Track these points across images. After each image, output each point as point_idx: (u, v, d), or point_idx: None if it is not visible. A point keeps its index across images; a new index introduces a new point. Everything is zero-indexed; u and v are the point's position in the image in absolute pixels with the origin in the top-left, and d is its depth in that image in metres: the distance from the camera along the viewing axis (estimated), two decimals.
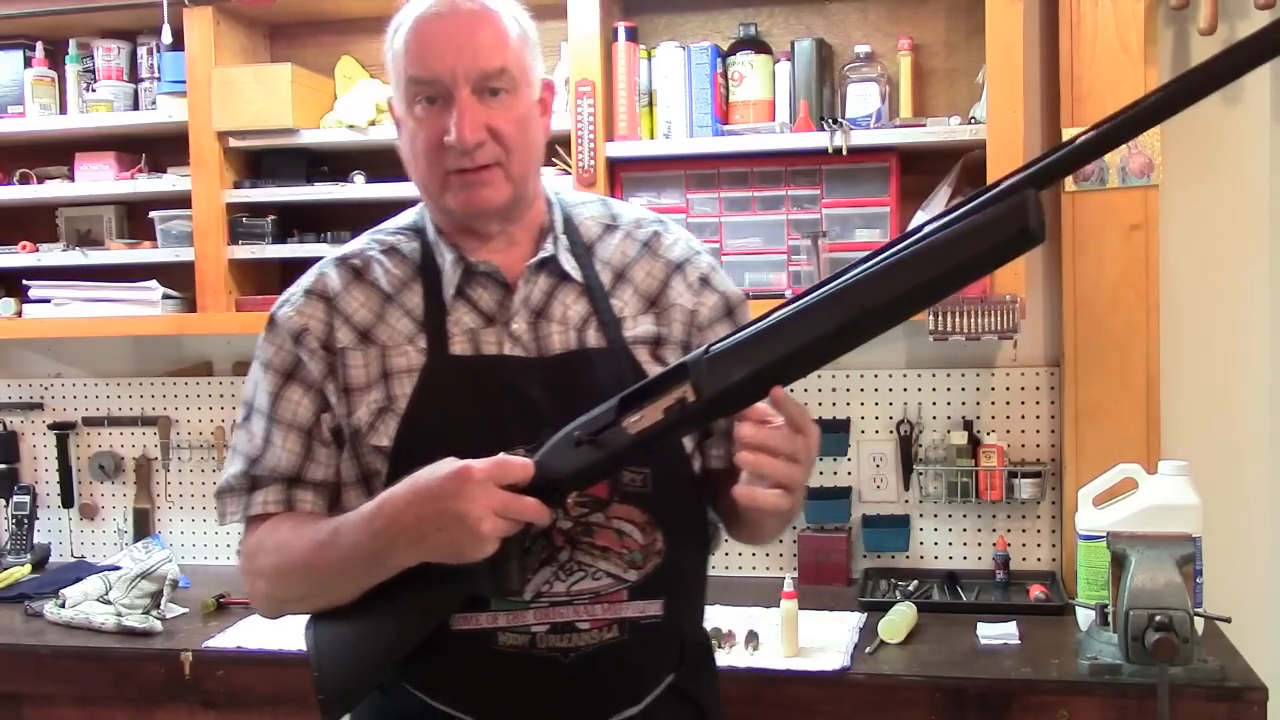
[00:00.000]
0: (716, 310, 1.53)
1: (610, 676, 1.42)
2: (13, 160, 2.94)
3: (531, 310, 1.46)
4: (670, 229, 1.57)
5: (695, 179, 2.59)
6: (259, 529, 1.46)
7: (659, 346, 1.49)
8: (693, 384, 1.23)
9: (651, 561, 1.42)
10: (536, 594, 1.39)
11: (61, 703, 2.38)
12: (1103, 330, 2.46)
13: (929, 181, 2.54)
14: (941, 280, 1.12)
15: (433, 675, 1.44)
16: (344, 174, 2.72)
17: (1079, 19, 2.44)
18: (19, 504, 3.04)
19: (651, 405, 1.25)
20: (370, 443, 1.42)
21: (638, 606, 1.42)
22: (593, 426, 1.28)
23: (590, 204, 1.58)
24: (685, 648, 1.50)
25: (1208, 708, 1.96)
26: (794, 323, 1.19)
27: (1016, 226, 1.06)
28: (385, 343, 1.45)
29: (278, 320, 1.49)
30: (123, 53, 2.88)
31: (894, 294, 1.14)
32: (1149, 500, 2.19)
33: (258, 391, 1.49)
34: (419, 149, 1.42)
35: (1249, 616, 2.31)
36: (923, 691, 2.06)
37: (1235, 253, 2.57)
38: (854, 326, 1.16)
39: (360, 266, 1.50)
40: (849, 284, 1.16)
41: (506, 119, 1.40)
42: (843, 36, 2.63)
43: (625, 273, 1.51)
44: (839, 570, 2.66)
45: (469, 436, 1.35)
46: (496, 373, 1.43)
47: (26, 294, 2.86)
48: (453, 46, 1.37)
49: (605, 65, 2.55)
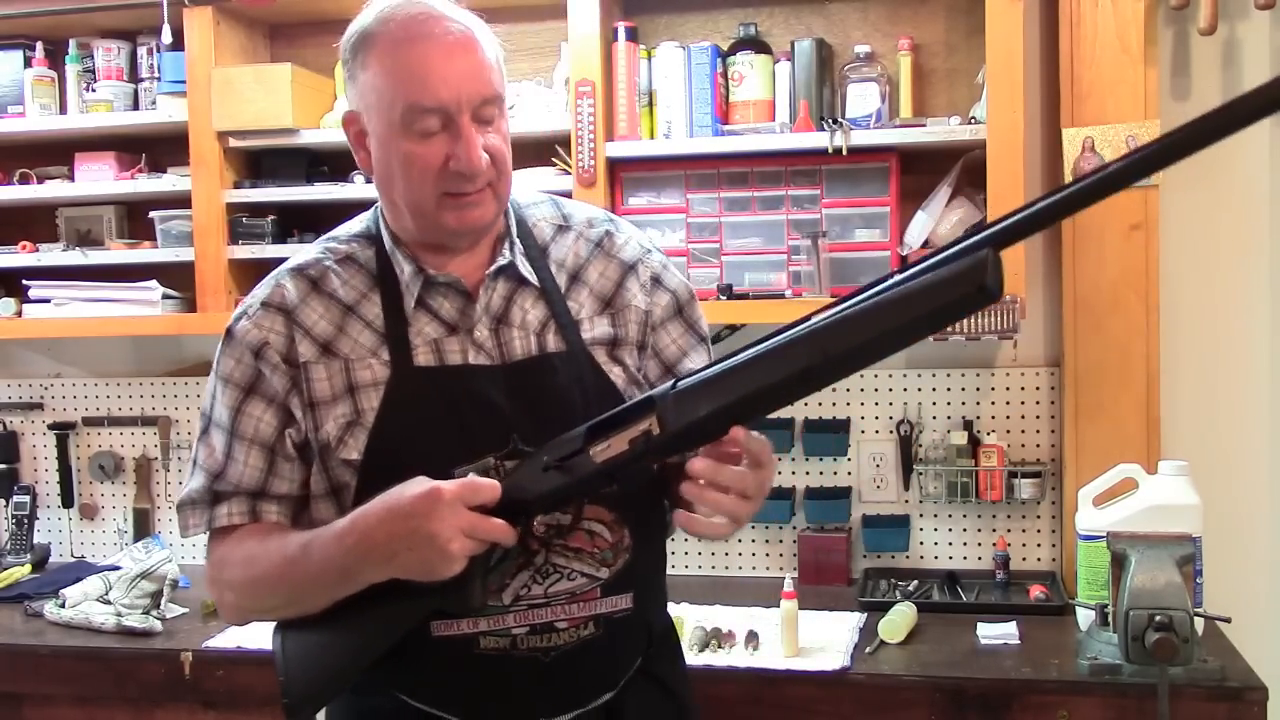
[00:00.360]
0: (668, 309, 1.57)
1: (587, 669, 1.47)
2: (13, 160, 2.94)
3: (493, 317, 1.48)
4: (621, 228, 1.60)
5: (695, 179, 2.59)
6: (225, 541, 1.47)
7: (615, 348, 1.51)
8: (658, 417, 1.27)
9: (621, 558, 1.47)
10: (515, 597, 1.43)
11: (61, 703, 2.38)
12: (1103, 330, 2.46)
13: (929, 181, 2.54)
14: (901, 331, 1.16)
15: (414, 678, 1.47)
16: (344, 174, 2.72)
17: (1079, 19, 2.44)
18: (19, 504, 3.04)
19: (618, 435, 1.30)
20: (340, 456, 1.43)
21: (610, 602, 1.47)
22: (560, 452, 1.32)
23: (541, 204, 1.59)
24: (652, 633, 1.56)
25: (1208, 708, 1.96)
26: (758, 364, 1.23)
27: (975, 284, 1.09)
28: (348, 355, 1.45)
29: (235, 333, 1.48)
30: (123, 53, 2.88)
31: (855, 342, 1.17)
32: (1149, 500, 2.19)
33: (216, 405, 1.49)
34: (415, 171, 1.41)
35: (1249, 616, 2.31)
36: (923, 691, 2.06)
37: (1235, 253, 2.57)
38: (816, 371, 1.20)
39: (317, 277, 1.49)
40: (813, 329, 1.20)
41: (498, 142, 1.43)
42: (843, 36, 2.63)
43: (579, 274, 1.54)
44: (839, 570, 2.66)
45: (438, 446, 1.39)
46: (462, 382, 1.44)
47: (26, 294, 2.86)
48: (454, 74, 1.38)
49: (605, 65, 2.55)
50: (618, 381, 1.49)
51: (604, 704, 1.49)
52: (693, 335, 1.58)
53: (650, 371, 1.55)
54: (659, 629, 1.59)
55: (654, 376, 1.54)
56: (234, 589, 1.46)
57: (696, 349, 1.58)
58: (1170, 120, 2.50)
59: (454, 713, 1.46)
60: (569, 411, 1.42)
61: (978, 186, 2.47)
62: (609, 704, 1.49)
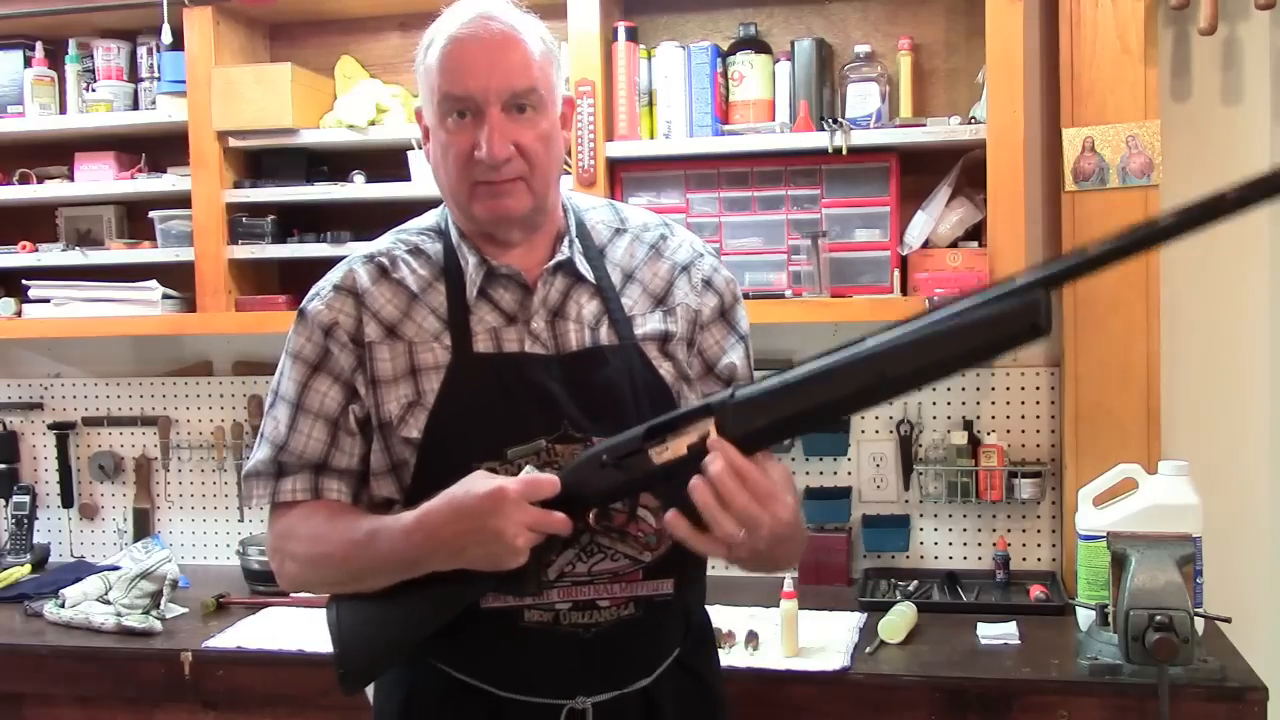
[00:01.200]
0: (714, 311, 1.63)
1: (626, 650, 1.53)
2: (13, 160, 2.94)
3: (549, 310, 1.55)
4: (676, 232, 1.67)
5: (695, 179, 2.59)
6: (290, 513, 1.54)
7: (666, 343, 1.58)
8: (716, 424, 1.32)
9: (664, 543, 1.51)
10: (560, 573, 1.49)
11: (61, 703, 2.38)
12: (1103, 330, 2.46)
13: (929, 181, 2.54)
14: (957, 360, 1.23)
15: (459, 650, 1.53)
16: (344, 174, 2.72)
17: (1079, 19, 2.44)
18: (19, 504, 3.04)
19: (676, 439, 1.35)
20: (400, 434, 1.50)
21: (651, 585, 1.53)
22: (619, 451, 1.38)
23: (600, 209, 1.67)
24: (690, 624, 1.62)
25: (1208, 708, 1.96)
26: (819, 380, 1.27)
27: (1029, 322, 1.17)
28: (412, 339, 1.52)
29: (308, 313, 1.56)
30: (122, 52, 2.88)
31: (913, 366, 1.23)
32: (1149, 500, 2.19)
33: (284, 380, 1.56)
34: (450, 160, 1.49)
35: (1249, 616, 2.32)
36: (923, 691, 2.05)
37: (1235, 253, 2.56)
38: (873, 391, 1.26)
39: (387, 265, 1.57)
40: (875, 351, 1.24)
41: (532, 136, 1.48)
42: (843, 36, 2.63)
43: (634, 273, 1.60)
44: (839, 570, 2.66)
45: (493, 428, 1.47)
46: (518, 369, 1.51)
47: (26, 294, 2.86)
48: (485, 66, 1.46)
49: (605, 65, 2.55)
50: (667, 377, 1.55)
51: (641, 689, 1.54)
52: (733, 334, 1.64)
53: (693, 369, 1.60)
54: (697, 621, 1.65)
55: (694, 374, 1.60)
56: (297, 561, 1.52)
57: (735, 347, 1.63)
58: (1170, 120, 2.51)
59: (496, 685, 1.52)
60: (619, 401, 1.50)
61: (978, 186, 2.47)
62: (646, 691, 1.54)
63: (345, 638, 1.49)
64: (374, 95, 2.69)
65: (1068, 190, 2.46)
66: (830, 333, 2.62)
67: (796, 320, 2.48)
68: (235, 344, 3.01)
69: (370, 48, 2.85)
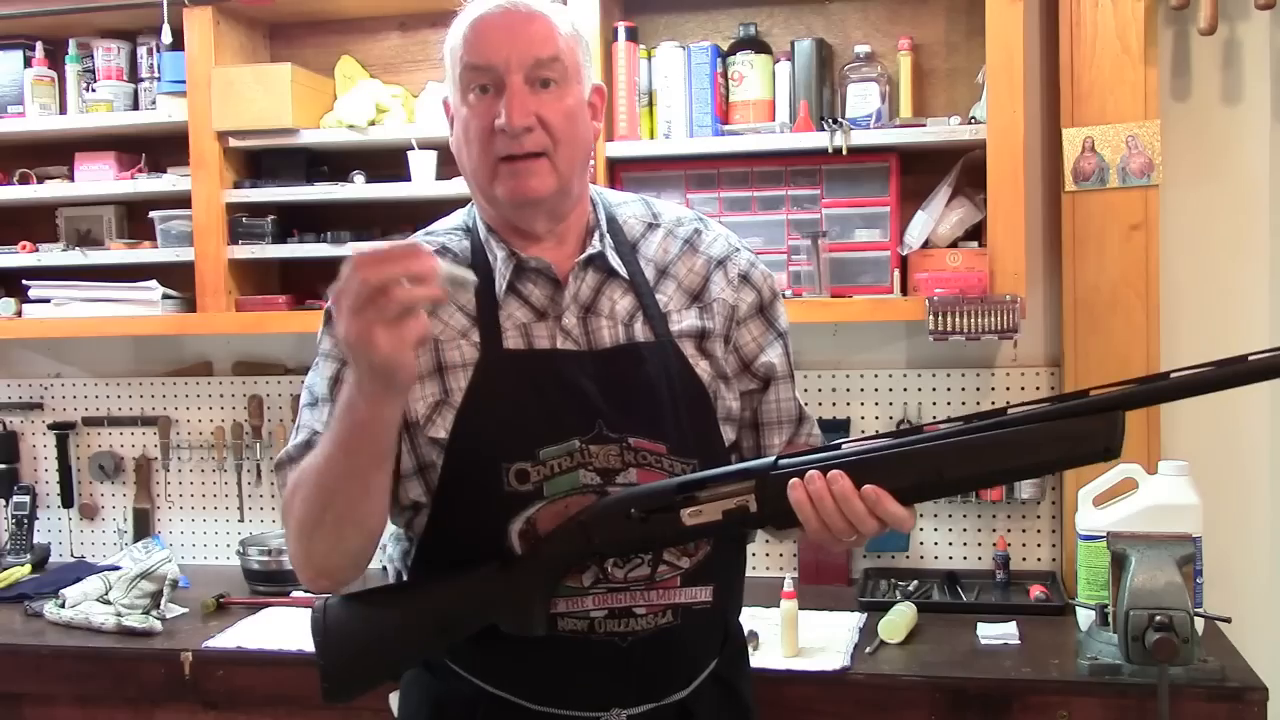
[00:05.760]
0: (752, 307, 1.58)
1: (663, 660, 1.48)
2: (13, 160, 2.94)
3: (581, 305, 1.50)
4: (710, 227, 1.62)
5: (695, 179, 2.59)
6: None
7: (703, 340, 1.53)
8: (757, 495, 1.30)
9: (702, 550, 1.47)
10: (595, 579, 1.43)
11: (61, 703, 2.38)
12: (1103, 330, 2.46)
13: (929, 181, 2.54)
14: (1022, 470, 1.22)
15: (488, 659, 1.47)
16: (344, 174, 2.72)
17: (1079, 19, 2.44)
18: (19, 504, 3.04)
19: (711, 502, 1.32)
20: (427, 434, 1.45)
21: (689, 593, 1.47)
22: (649, 505, 1.35)
23: (631, 204, 1.61)
24: (728, 635, 1.58)
25: (1208, 708, 1.96)
26: (870, 465, 1.24)
27: (1104, 444, 1.18)
28: (439, 337, 1.47)
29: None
30: (122, 53, 2.87)
31: (972, 471, 1.21)
32: (1149, 500, 2.18)
33: (317, 378, 1.51)
34: (471, 136, 1.44)
35: (1249, 616, 2.31)
36: (923, 691, 2.05)
37: (1235, 253, 2.57)
38: (927, 487, 1.24)
39: None
40: (933, 447, 1.21)
41: (556, 109, 1.43)
42: (843, 36, 2.63)
43: (668, 269, 1.55)
44: (839, 570, 2.66)
45: (523, 427, 1.42)
46: (549, 366, 1.46)
47: (26, 294, 2.86)
48: (507, 35, 1.42)
49: (605, 65, 2.55)
50: (704, 375, 1.51)
51: (678, 702, 1.49)
52: (771, 331, 1.59)
53: (729, 365, 1.56)
54: (734, 631, 1.62)
55: (731, 371, 1.55)
56: (290, 530, 1.42)
57: (773, 344, 1.59)
58: (1171, 120, 2.50)
59: (529, 698, 1.47)
60: (655, 400, 1.45)
61: (978, 186, 2.47)
62: (683, 703, 1.50)
63: (332, 643, 1.40)
64: (374, 95, 2.69)
65: (1068, 190, 2.46)
66: (830, 333, 2.62)
67: (796, 320, 2.43)
68: (235, 344, 3.01)
69: (370, 48, 2.85)
